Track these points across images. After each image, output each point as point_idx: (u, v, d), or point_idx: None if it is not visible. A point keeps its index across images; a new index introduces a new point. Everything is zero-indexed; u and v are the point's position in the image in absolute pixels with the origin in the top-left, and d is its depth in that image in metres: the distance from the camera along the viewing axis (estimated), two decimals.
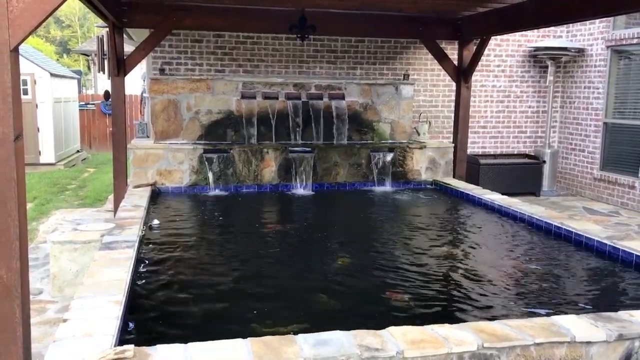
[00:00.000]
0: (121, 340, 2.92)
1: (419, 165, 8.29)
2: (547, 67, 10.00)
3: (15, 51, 2.68)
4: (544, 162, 9.93)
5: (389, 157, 8.06)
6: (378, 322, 3.06)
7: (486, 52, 9.15)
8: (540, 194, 9.88)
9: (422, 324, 2.99)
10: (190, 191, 7.45)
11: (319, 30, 7.46)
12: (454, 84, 8.70)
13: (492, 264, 4.78)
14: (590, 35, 9.70)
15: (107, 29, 7.63)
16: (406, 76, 8.92)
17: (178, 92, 7.80)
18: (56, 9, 2.73)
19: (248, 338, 2.73)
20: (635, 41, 8.80)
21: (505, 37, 9.87)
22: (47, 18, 2.73)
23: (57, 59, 34.67)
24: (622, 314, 3.19)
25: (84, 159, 15.10)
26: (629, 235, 5.09)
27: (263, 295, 3.98)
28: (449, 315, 3.65)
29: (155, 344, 2.68)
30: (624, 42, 9.05)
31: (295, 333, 2.83)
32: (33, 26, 2.67)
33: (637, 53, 9.02)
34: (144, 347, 2.65)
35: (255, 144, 7.87)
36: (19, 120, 2.72)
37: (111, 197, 8.60)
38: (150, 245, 4.95)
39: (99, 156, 15.69)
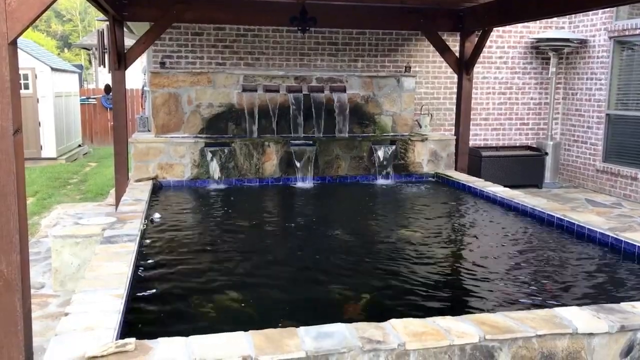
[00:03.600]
0: (122, 334, 2.92)
1: (421, 157, 8.27)
2: (549, 58, 9.95)
3: (13, 44, 2.67)
4: (546, 154, 9.90)
5: (391, 149, 8.04)
6: None
7: (488, 43, 9.11)
8: (542, 186, 9.85)
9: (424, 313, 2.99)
10: (191, 185, 7.45)
11: (320, 22, 7.42)
12: (455, 76, 8.66)
13: (493, 255, 4.77)
14: (593, 26, 9.64)
15: (108, 22, 7.61)
16: (408, 68, 8.88)
17: (179, 86, 7.78)
18: (53, 1, 2.71)
19: (249, 331, 2.73)
20: (638, 32, 8.74)
21: (507, 28, 9.82)
22: (45, 11, 2.71)
23: (58, 53, 34.64)
24: (625, 305, 3.18)
25: (86, 153, 15.11)
26: (631, 227, 5.07)
27: (263, 286, 3.99)
28: (453, 307, 3.65)
29: (156, 337, 2.68)
30: (626, 33, 8.99)
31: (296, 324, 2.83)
32: (31, 19, 2.66)
33: None
34: (145, 340, 2.65)
35: (256, 138, 7.85)
36: (17, 114, 2.72)
37: (112, 191, 8.61)
38: (152, 239, 4.95)
39: (100, 150, 15.69)
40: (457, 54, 8.45)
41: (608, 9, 9.16)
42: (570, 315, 3.01)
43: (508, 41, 9.96)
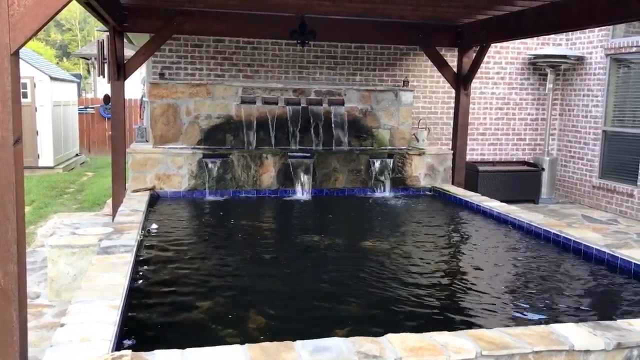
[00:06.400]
0: (119, 345, 2.91)
1: (418, 171, 8.29)
2: (546, 74, 10.02)
3: (15, 55, 2.68)
4: (543, 169, 9.94)
5: (388, 163, 8.07)
6: None
7: (486, 59, 9.17)
8: (539, 201, 9.88)
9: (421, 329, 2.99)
10: (189, 196, 7.44)
11: (319, 36, 7.48)
12: (453, 91, 8.71)
13: (488, 270, 4.77)
14: (590, 44, 9.73)
15: (108, 33, 7.64)
16: (406, 83, 8.94)
17: (178, 97, 7.80)
18: (57, 13, 2.73)
19: (246, 344, 2.73)
20: (634, 50, 8.82)
21: (504, 44, 9.90)
22: (48, 22, 2.73)
23: (57, 63, 34.69)
24: (621, 322, 3.19)
25: (83, 162, 15.09)
26: (627, 244, 5.10)
27: (259, 298, 3.98)
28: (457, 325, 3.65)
29: (152, 349, 2.67)
30: (622, 51, 9.08)
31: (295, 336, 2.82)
32: (34, 30, 2.67)
33: (636, 61, 9.05)
34: (141, 352, 2.64)
35: (254, 149, 7.87)
36: (18, 124, 2.72)
37: (110, 201, 8.59)
38: (149, 249, 4.94)
39: (97, 160, 15.67)
40: (455, 69, 8.51)
41: (604, 27, 9.25)
42: (567, 331, 3.01)
43: (505, 57, 10.04)
